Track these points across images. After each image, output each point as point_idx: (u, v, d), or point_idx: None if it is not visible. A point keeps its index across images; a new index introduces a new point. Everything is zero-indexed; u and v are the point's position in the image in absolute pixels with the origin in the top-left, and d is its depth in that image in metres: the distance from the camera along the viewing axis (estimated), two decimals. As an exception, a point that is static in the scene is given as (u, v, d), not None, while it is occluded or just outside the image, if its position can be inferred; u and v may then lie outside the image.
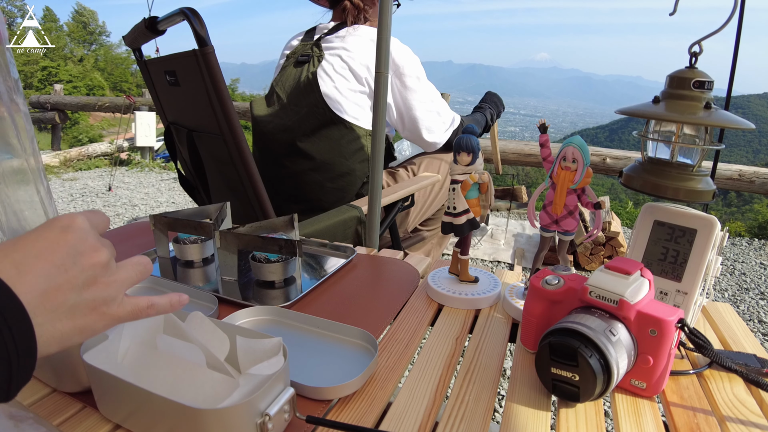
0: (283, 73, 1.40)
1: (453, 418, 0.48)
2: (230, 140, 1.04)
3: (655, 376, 0.50)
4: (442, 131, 1.44)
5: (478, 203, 0.70)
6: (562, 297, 0.54)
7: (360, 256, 0.88)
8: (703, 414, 0.49)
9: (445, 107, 1.45)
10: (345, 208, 1.18)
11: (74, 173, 4.72)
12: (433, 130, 1.42)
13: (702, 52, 0.57)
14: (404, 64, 1.33)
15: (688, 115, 0.54)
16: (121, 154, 5.36)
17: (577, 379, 0.47)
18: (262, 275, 0.75)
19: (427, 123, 1.40)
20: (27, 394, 0.49)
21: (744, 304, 2.15)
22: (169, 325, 0.48)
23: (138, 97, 5.53)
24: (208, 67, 0.98)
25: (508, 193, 3.24)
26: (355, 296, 0.73)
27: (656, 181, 0.58)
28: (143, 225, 1.03)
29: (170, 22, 1.10)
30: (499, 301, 0.72)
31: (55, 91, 6.46)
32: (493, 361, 0.57)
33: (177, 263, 0.83)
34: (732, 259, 2.70)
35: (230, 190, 1.20)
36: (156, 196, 3.88)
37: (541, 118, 0.71)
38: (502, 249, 2.65)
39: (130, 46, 1.32)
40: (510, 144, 3.55)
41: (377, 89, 1.02)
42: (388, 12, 0.99)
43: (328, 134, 1.30)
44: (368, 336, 0.58)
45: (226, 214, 0.84)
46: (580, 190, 0.64)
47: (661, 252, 0.60)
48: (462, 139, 0.67)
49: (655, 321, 0.48)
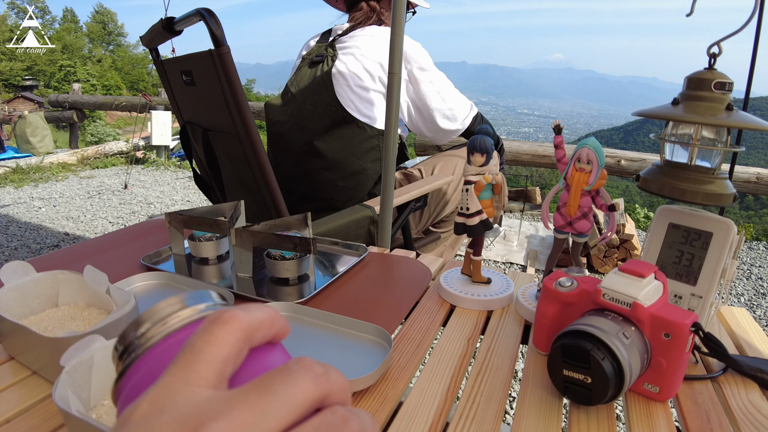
0: (298, 73, 1.41)
1: (464, 418, 0.48)
2: (245, 139, 1.06)
3: (668, 380, 0.49)
4: (461, 119, 1.44)
5: (492, 204, 0.70)
6: (575, 299, 0.54)
7: (372, 255, 0.88)
8: (717, 420, 0.49)
9: (460, 96, 1.45)
10: (358, 208, 1.19)
11: (91, 171, 4.79)
12: (452, 117, 1.42)
13: (721, 53, 0.56)
14: (415, 57, 1.34)
15: (709, 116, 0.53)
16: (137, 152, 5.42)
17: (590, 382, 0.46)
18: (276, 272, 0.76)
19: (444, 112, 1.40)
20: (27, 397, 0.49)
21: (761, 309, 2.11)
22: None
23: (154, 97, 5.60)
24: (223, 67, 0.99)
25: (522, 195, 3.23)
26: (368, 294, 0.73)
27: (675, 184, 0.57)
28: (159, 222, 1.05)
29: (187, 23, 1.12)
30: (512, 302, 0.72)
31: (74, 90, 6.56)
32: (505, 363, 0.57)
33: (192, 260, 0.84)
34: (749, 263, 2.66)
35: (245, 189, 1.22)
36: (171, 194, 3.92)
37: (555, 119, 0.71)
38: (515, 250, 2.64)
39: (147, 47, 1.34)
40: (524, 145, 3.53)
41: (390, 89, 1.03)
42: (401, 14, 0.99)
43: (341, 133, 1.31)
44: (383, 332, 0.58)
45: (241, 212, 0.85)
46: (594, 191, 0.64)
47: (675, 255, 0.60)
48: (476, 139, 0.67)
49: (669, 324, 0.47)
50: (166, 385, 0.19)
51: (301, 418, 0.18)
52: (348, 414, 0.19)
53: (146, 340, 0.21)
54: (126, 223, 3.14)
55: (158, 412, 0.17)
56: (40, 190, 3.99)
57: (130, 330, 0.22)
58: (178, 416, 0.17)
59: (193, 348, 0.20)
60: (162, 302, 0.23)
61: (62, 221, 3.16)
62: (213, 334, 0.20)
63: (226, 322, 0.20)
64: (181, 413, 0.17)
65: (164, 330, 0.22)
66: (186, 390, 0.18)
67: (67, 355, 0.42)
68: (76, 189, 4.02)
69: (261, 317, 0.22)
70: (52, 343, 0.48)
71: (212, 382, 0.19)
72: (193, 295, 0.24)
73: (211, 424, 0.17)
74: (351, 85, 1.30)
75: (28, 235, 2.87)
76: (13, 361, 0.54)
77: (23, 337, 0.51)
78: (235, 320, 0.20)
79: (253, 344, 0.21)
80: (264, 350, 0.22)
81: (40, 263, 0.76)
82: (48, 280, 0.60)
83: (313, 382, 0.19)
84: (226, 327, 0.20)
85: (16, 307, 0.56)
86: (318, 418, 0.19)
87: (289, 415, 0.18)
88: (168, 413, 0.17)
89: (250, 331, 0.21)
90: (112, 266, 0.80)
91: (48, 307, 0.60)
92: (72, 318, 0.58)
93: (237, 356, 0.20)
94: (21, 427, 0.45)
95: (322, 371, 0.20)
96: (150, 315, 0.22)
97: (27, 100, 22.27)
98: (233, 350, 0.20)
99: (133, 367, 0.21)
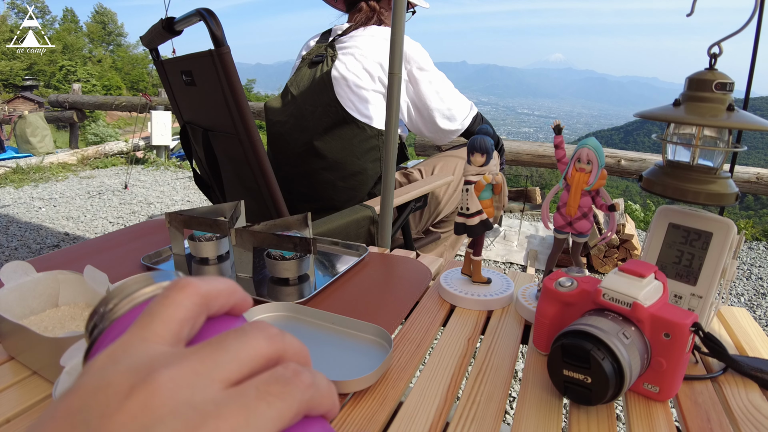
0: (297, 74, 1.41)
1: (464, 418, 0.48)
2: (245, 140, 1.06)
3: (668, 380, 0.49)
4: (461, 119, 1.44)
5: (492, 204, 0.70)
6: (575, 299, 0.54)
7: (372, 255, 0.88)
8: (717, 420, 0.49)
9: (460, 96, 1.45)
10: (358, 208, 1.19)
11: (91, 171, 4.79)
12: (451, 117, 1.42)
13: (722, 53, 0.56)
14: (415, 57, 1.34)
15: (710, 117, 0.53)
16: (137, 152, 5.43)
17: (590, 382, 0.46)
18: (276, 272, 0.76)
19: (444, 112, 1.40)
20: (27, 397, 0.49)
21: (761, 309, 2.11)
22: None
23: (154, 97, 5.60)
24: (224, 67, 0.99)
25: (522, 195, 3.23)
26: (368, 294, 0.73)
27: (677, 184, 0.57)
28: (159, 222, 1.05)
29: (187, 23, 1.12)
30: (512, 302, 0.72)
31: (74, 90, 6.56)
32: (505, 363, 0.57)
33: (192, 260, 0.84)
34: (749, 263, 2.66)
35: (245, 189, 1.22)
36: (171, 194, 3.92)
37: (555, 119, 0.71)
38: (515, 250, 2.64)
39: (148, 47, 1.34)
40: (524, 145, 3.53)
41: (390, 89, 1.03)
42: (402, 14, 0.99)
43: (341, 134, 1.31)
44: (383, 332, 0.58)
45: (241, 212, 0.85)
46: (594, 192, 0.64)
47: (675, 255, 0.60)
48: (476, 140, 0.67)
49: (669, 324, 0.47)
50: (124, 342, 0.19)
51: (253, 372, 0.19)
52: (301, 369, 0.19)
53: (113, 314, 0.22)
54: (126, 223, 3.14)
55: (113, 363, 0.18)
56: (40, 190, 3.99)
57: (99, 306, 0.23)
58: (132, 365, 0.18)
59: (150, 310, 0.20)
60: (129, 279, 0.23)
61: (62, 221, 3.16)
62: (170, 297, 0.20)
63: (183, 287, 0.21)
64: (134, 363, 0.18)
65: (130, 303, 0.22)
66: (142, 345, 0.19)
67: (67, 355, 0.42)
68: (76, 189, 4.02)
69: (219, 286, 0.22)
70: (52, 343, 0.48)
71: (168, 340, 0.19)
72: (157, 273, 0.24)
73: (162, 371, 0.17)
74: (351, 86, 1.30)
75: (28, 235, 2.87)
76: (13, 361, 0.54)
77: (23, 337, 0.51)
78: (191, 286, 0.21)
79: (211, 311, 0.22)
80: (223, 320, 0.23)
81: (40, 263, 0.76)
82: (48, 280, 0.60)
83: (266, 341, 0.20)
84: (183, 291, 0.21)
85: (17, 307, 0.56)
86: (270, 371, 0.19)
87: (240, 368, 0.18)
88: (123, 363, 0.18)
89: (207, 297, 0.21)
90: (112, 266, 0.80)
91: (48, 307, 0.60)
92: (72, 318, 0.58)
93: (193, 320, 0.21)
94: (21, 427, 0.45)
95: (277, 332, 0.20)
96: (117, 291, 0.23)
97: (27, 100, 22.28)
98: (189, 313, 0.20)
99: (100, 339, 0.22)
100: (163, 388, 0.17)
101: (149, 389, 0.17)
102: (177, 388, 0.17)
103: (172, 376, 0.17)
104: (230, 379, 0.18)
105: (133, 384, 0.17)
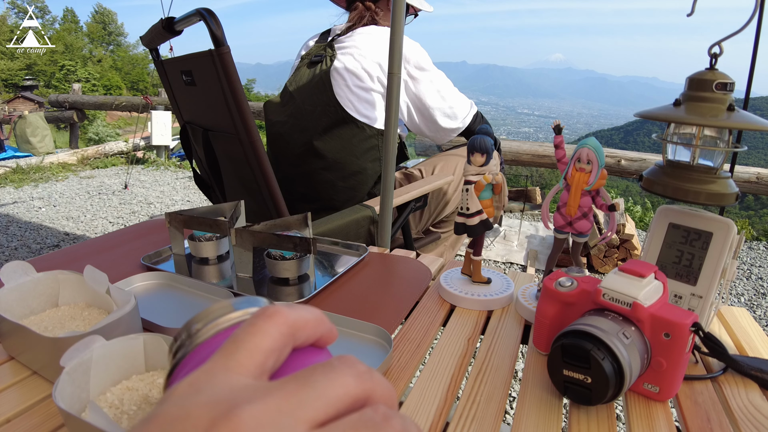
0: (297, 73, 1.41)
1: (464, 418, 0.48)
2: (245, 139, 1.06)
3: (668, 379, 0.49)
4: (461, 117, 1.44)
5: (492, 204, 0.70)
6: (576, 299, 0.54)
7: (372, 255, 0.88)
8: (717, 420, 0.49)
9: (460, 94, 1.45)
10: (358, 208, 1.19)
11: (91, 171, 4.79)
12: (452, 116, 1.42)
13: (722, 53, 0.56)
14: (413, 57, 1.34)
15: (710, 117, 0.53)
16: (137, 152, 5.43)
17: (590, 382, 0.46)
18: (276, 272, 0.76)
19: (444, 110, 1.40)
20: (27, 397, 0.49)
21: (761, 309, 2.11)
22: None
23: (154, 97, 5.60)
24: (224, 67, 0.99)
25: (522, 195, 3.23)
26: (368, 294, 0.73)
27: (678, 184, 0.57)
28: (159, 222, 1.05)
29: (187, 23, 1.12)
30: (512, 302, 0.72)
31: (74, 91, 6.56)
32: (505, 363, 0.57)
33: (192, 260, 0.84)
34: (749, 263, 2.66)
35: (245, 189, 1.22)
36: (171, 194, 3.92)
37: (555, 119, 0.71)
38: (515, 250, 2.64)
39: (148, 47, 1.34)
40: (524, 145, 3.53)
41: (390, 89, 1.03)
42: (401, 13, 0.99)
43: (340, 133, 1.31)
44: (383, 332, 0.58)
45: (241, 212, 0.85)
46: (594, 191, 0.64)
47: (675, 255, 0.60)
48: (476, 139, 0.67)
49: (669, 324, 0.47)
50: (207, 370, 0.19)
51: (339, 413, 0.18)
52: (391, 413, 0.18)
53: (197, 338, 0.22)
54: (126, 223, 3.14)
55: (195, 393, 0.17)
56: (40, 190, 3.99)
57: (183, 329, 0.23)
58: (214, 397, 0.17)
59: (236, 338, 0.20)
60: (214, 305, 0.23)
61: (62, 221, 3.16)
62: (256, 326, 0.20)
63: (270, 316, 0.20)
64: (216, 395, 0.17)
65: (214, 329, 0.22)
66: (225, 375, 0.18)
67: (67, 355, 0.42)
68: (76, 189, 4.02)
69: (306, 316, 0.22)
70: (52, 343, 0.48)
71: (252, 371, 0.19)
72: (244, 299, 0.24)
73: (244, 407, 0.16)
74: (350, 85, 1.30)
75: (28, 235, 2.87)
76: (13, 361, 0.54)
77: (23, 337, 0.51)
78: (279, 315, 0.20)
79: (297, 342, 0.21)
80: (309, 351, 0.22)
81: (40, 263, 0.76)
82: (48, 280, 0.60)
83: (354, 379, 0.19)
84: (270, 320, 0.20)
85: (16, 307, 0.56)
86: (358, 413, 0.18)
87: (326, 408, 0.17)
88: (204, 394, 0.17)
89: (294, 328, 0.21)
90: (112, 266, 0.80)
91: (48, 307, 0.60)
92: (72, 318, 0.58)
93: (279, 351, 0.20)
94: (21, 427, 0.45)
95: (366, 370, 0.19)
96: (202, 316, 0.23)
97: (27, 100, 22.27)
98: (276, 344, 0.20)
99: (183, 362, 0.22)
100: (244, 425, 0.16)
101: (230, 426, 0.16)
102: (259, 427, 0.16)
103: (255, 413, 0.16)
104: (316, 420, 0.17)
105: (214, 419, 0.16)
